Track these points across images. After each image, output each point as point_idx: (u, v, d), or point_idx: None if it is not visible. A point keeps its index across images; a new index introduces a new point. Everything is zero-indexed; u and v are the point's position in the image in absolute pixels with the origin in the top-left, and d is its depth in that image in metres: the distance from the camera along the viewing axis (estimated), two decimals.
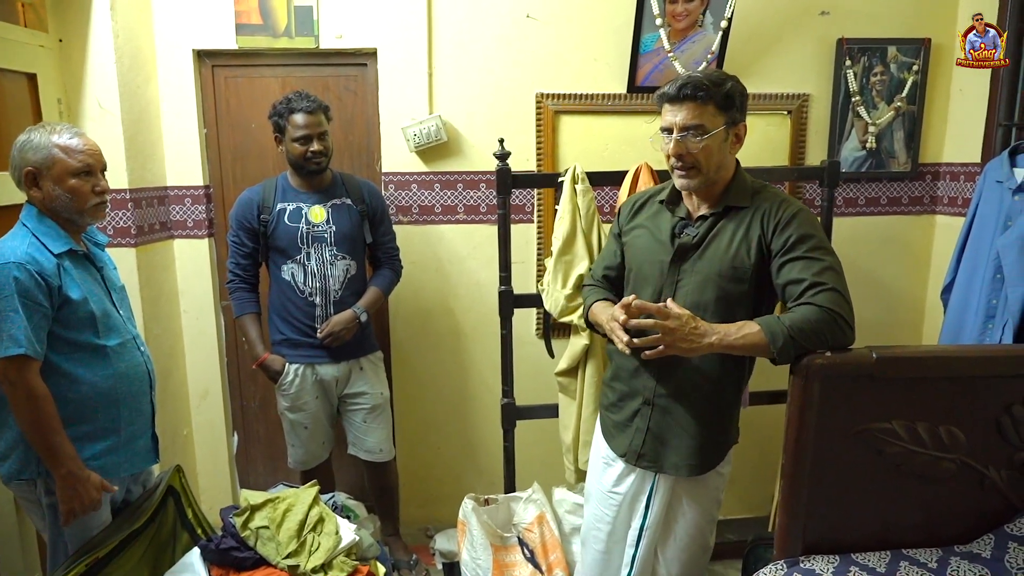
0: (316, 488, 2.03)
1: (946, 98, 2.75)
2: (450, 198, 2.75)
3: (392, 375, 2.82)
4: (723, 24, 2.50)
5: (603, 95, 2.67)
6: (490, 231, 2.69)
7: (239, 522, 1.91)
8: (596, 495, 1.87)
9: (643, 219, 1.76)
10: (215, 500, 2.92)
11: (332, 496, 2.22)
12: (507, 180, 2.30)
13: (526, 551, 2.27)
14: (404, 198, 2.74)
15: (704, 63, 2.54)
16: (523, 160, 2.68)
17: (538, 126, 2.69)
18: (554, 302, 2.31)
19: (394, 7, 2.60)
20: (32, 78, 2.27)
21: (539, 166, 2.71)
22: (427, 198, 2.75)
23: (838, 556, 1.49)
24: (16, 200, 1.83)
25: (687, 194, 1.68)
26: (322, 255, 2.36)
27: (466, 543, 2.26)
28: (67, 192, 1.69)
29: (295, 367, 2.41)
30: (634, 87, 2.64)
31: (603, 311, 1.70)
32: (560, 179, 2.32)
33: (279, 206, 2.36)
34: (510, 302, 2.39)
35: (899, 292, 2.90)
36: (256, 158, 2.78)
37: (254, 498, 1.95)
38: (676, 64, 2.50)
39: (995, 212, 2.26)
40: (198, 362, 2.84)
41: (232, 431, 2.96)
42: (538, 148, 2.70)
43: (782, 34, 2.68)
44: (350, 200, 2.42)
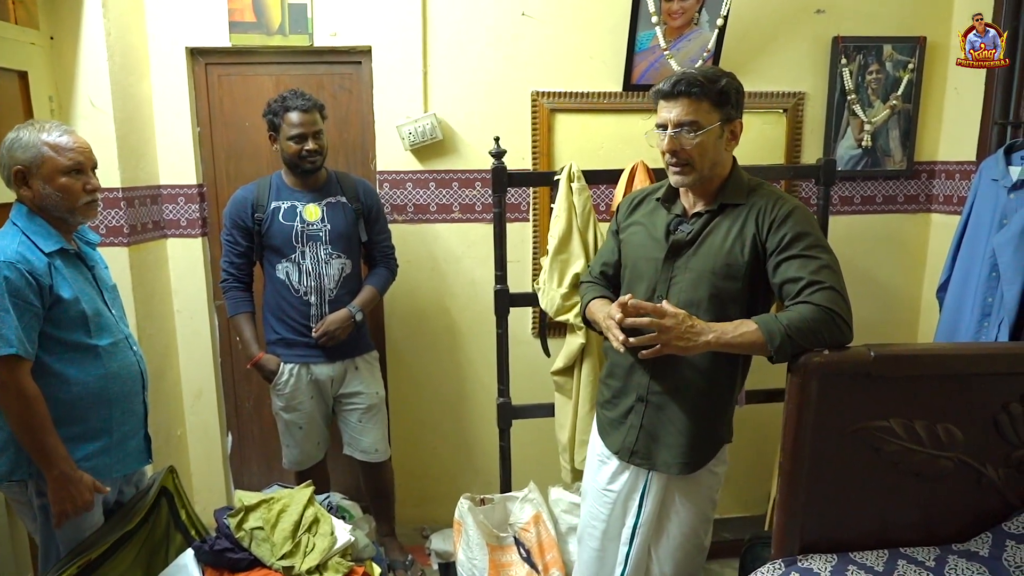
0: (311, 489, 2.02)
1: (941, 96, 2.76)
2: (445, 197, 2.74)
3: (388, 374, 2.81)
4: (719, 22, 2.49)
5: (599, 93, 2.67)
6: (486, 230, 2.67)
7: (233, 523, 1.89)
8: (591, 493, 1.87)
9: (640, 216, 1.75)
10: (209, 501, 2.90)
11: (327, 497, 2.20)
12: (502, 178, 2.28)
13: (522, 551, 2.26)
14: (399, 197, 2.73)
15: (700, 61, 2.53)
16: (519, 158, 2.67)
17: (534, 124, 2.68)
18: (550, 301, 2.30)
19: (389, 5, 2.59)
20: (23, 76, 2.25)
21: (535, 164, 2.70)
22: (422, 197, 2.74)
23: (836, 555, 1.48)
24: (6, 199, 1.81)
25: (683, 191, 1.68)
26: (317, 254, 2.35)
27: (462, 543, 2.24)
28: (57, 190, 1.67)
29: (290, 367, 2.39)
30: (630, 85, 2.64)
31: (600, 309, 1.69)
32: (556, 177, 2.31)
33: (273, 204, 2.35)
34: (506, 301, 2.38)
35: (895, 291, 2.90)
36: (250, 157, 2.76)
37: (248, 499, 1.94)
38: (672, 62, 2.49)
39: (990, 210, 2.26)
40: (192, 362, 2.82)
41: (226, 431, 2.94)
42: (534, 146, 2.69)
43: (778, 32, 2.67)
44: (345, 198, 2.41)
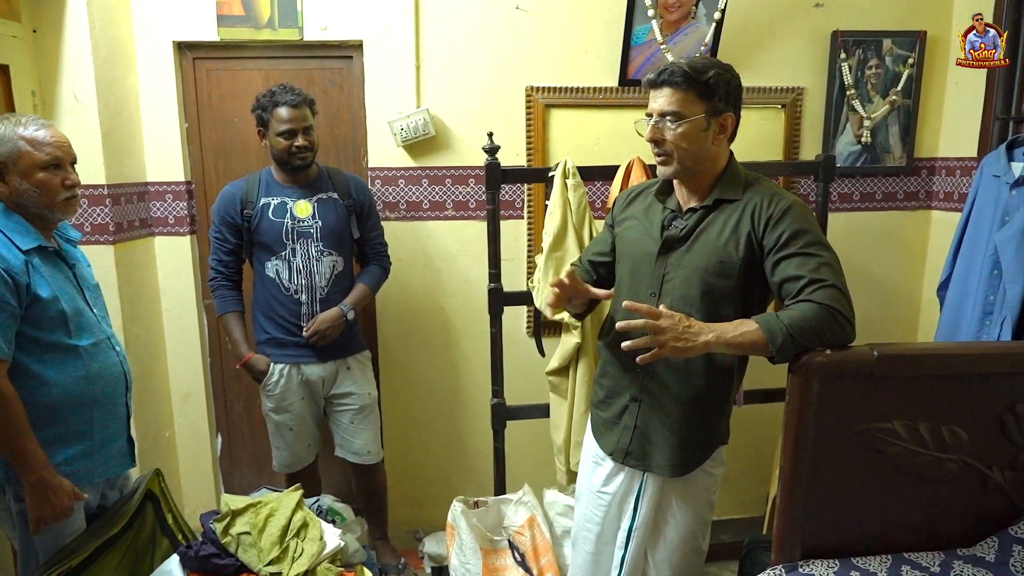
0: (300, 492, 1.97)
1: (942, 92, 2.72)
2: (438, 194, 2.69)
3: (380, 374, 2.76)
4: (716, 15, 2.45)
5: (594, 88, 2.62)
6: (479, 227, 2.63)
7: (219, 528, 1.85)
8: (586, 495, 1.84)
9: (636, 211, 1.72)
10: (198, 504, 2.85)
11: (317, 500, 2.16)
12: (496, 175, 2.24)
13: (517, 555, 2.22)
14: (391, 194, 2.68)
15: (697, 55, 2.49)
16: (513, 155, 2.62)
17: (528, 120, 2.64)
18: (545, 299, 2.25)
19: None
20: (4, 70, 2.20)
21: (529, 161, 2.65)
22: (415, 194, 2.69)
23: (837, 560, 1.44)
24: None
25: (678, 185, 1.64)
26: (308, 251, 2.30)
27: (455, 547, 2.20)
28: (35, 186, 1.62)
29: (280, 367, 2.34)
30: (626, 80, 2.59)
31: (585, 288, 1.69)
32: (551, 174, 2.28)
33: (263, 201, 2.30)
34: (500, 300, 2.34)
35: (894, 288, 2.87)
36: (239, 153, 2.71)
37: (235, 503, 1.89)
38: (669, 56, 2.45)
39: (992, 207, 2.22)
40: (180, 362, 2.77)
41: (216, 433, 2.89)
42: (528, 142, 2.65)
43: (776, 26, 2.63)
44: (336, 195, 2.36)
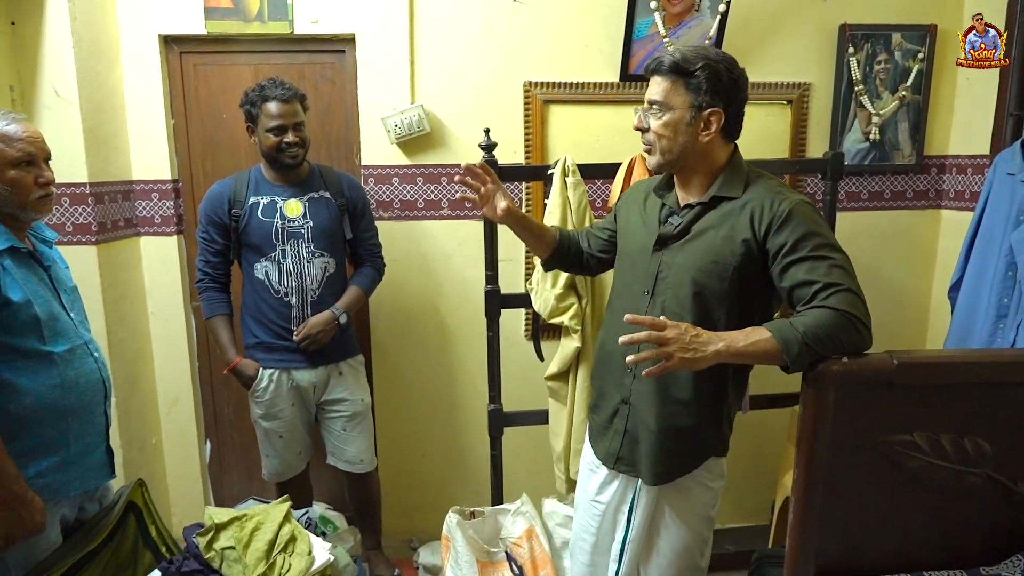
0: (287, 504, 1.88)
1: (952, 87, 2.64)
2: (434, 192, 2.61)
3: (373, 378, 2.68)
4: (721, 8, 2.37)
5: (595, 84, 2.54)
6: (476, 227, 2.55)
7: (202, 543, 1.76)
8: (582, 503, 1.79)
9: (640, 204, 1.67)
10: (186, 513, 2.77)
11: (306, 512, 2.07)
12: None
13: (514, 567, 2.14)
14: (385, 192, 2.60)
15: (698, 46, 2.41)
16: (510, 152, 2.55)
17: (526, 116, 2.55)
18: (544, 302, 2.18)
19: None
20: None
21: (527, 158, 2.57)
22: (409, 192, 2.61)
23: None
24: None
25: (678, 182, 1.59)
26: (298, 252, 2.22)
27: (450, 560, 2.12)
28: (7, 184, 1.54)
29: (269, 372, 2.26)
30: (627, 75, 2.51)
31: (538, 226, 1.81)
32: (550, 172, 2.20)
33: (252, 200, 2.21)
34: (497, 302, 2.26)
35: (903, 290, 2.79)
36: (227, 150, 2.62)
37: (219, 516, 1.81)
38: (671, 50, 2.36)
39: (1006, 206, 2.15)
40: (167, 366, 2.69)
41: (204, 439, 2.80)
42: (526, 139, 2.57)
43: (782, 20, 2.55)
44: (328, 193, 2.27)
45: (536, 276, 2.19)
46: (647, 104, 1.51)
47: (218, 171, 2.61)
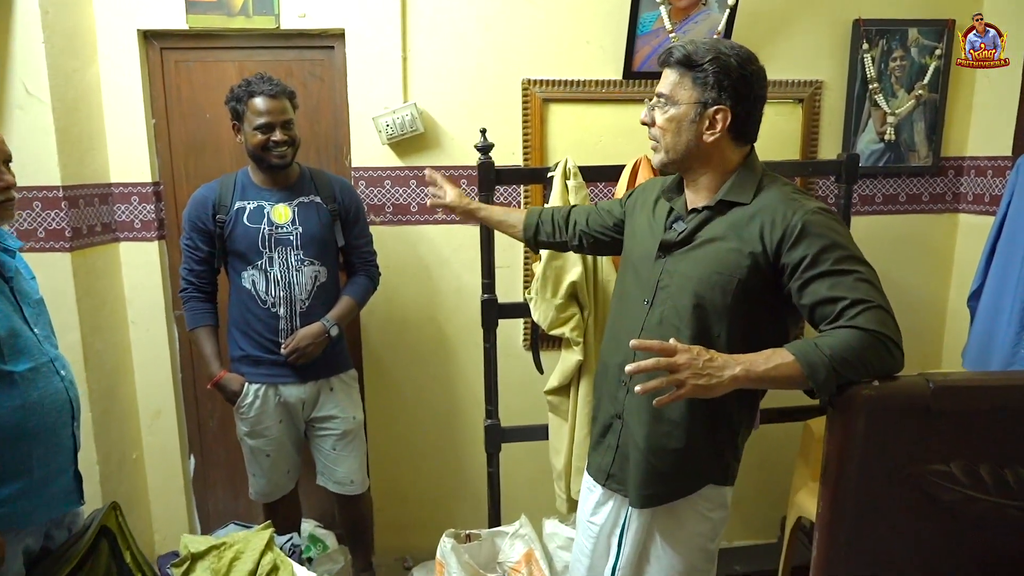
0: (270, 531, 1.77)
1: (971, 85, 2.53)
2: (427, 196, 2.48)
3: (365, 390, 2.56)
4: (730, 1, 2.25)
5: (596, 81, 2.42)
6: (472, 232, 2.43)
7: (178, 573, 1.64)
8: (580, 524, 1.69)
9: (649, 205, 1.56)
10: (170, 531, 2.65)
11: (290, 538, 1.96)
12: (490, 176, 2.05)
13: None
14: (376, 196, 2.48)
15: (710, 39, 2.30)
16: (508, 153, 2.43)
17: (524, 116, 2.43)
18: (543, 313, 2.06)
19: None
20: None
21: (526, 160, 2.45)
22: (402, 195, 2.49)
23: None
24: None
25: (687, 184, 1.48)
26: (287, 260, 2.09)
27: None
28: None
29: (255, 387, 2.13)
30: (631, 73, 2.39)
31: (501, 211, 1.90)
32: (550, 174, 2.08)
33: (237, 205, 2.09)
34: (494, 312, 2.14)
35: (918, 297, 2.67)
36: (212, 151, 2.50)
37: (196, 544, 1.69)
38: None
39: None
40: (149, 378, 2.56)
41: (188, 454, 2.68)
42: (525, 140, 2.45)
43: (793, 14, 2.44)
44: (319, 198, 2.15)
45: (535, 285, 2.07)
46: (655, 97, 1.42)
47: (201, 173, 2.49)
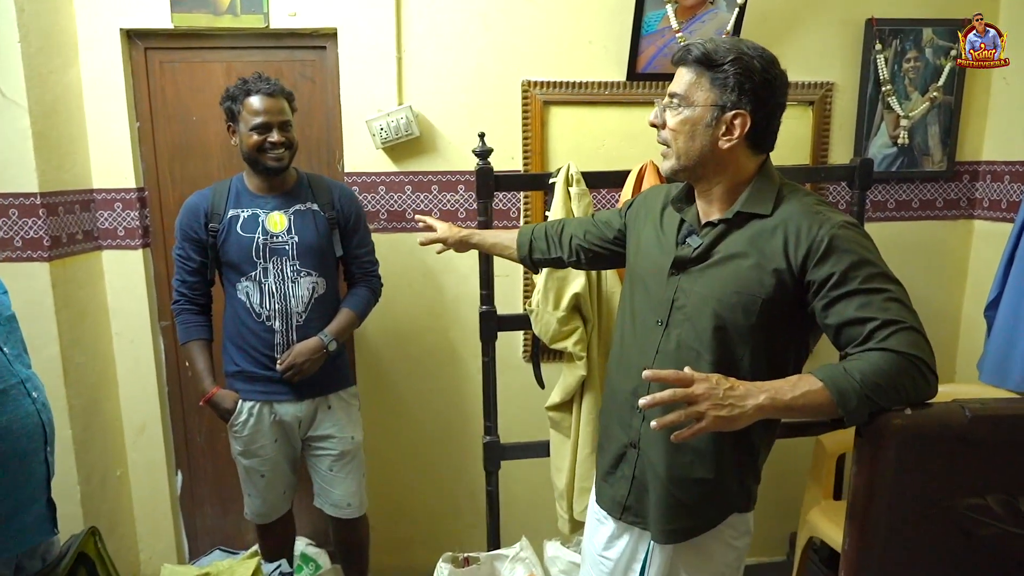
0: (256, 560, 1.68)
1: (987, 88, 2.44)
2: (424, 202, 2.39)
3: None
4: (739, 0, 2.16)
5: (599, 83, 2.33)
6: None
7: None
8: (588, 558, 1.58)
9: (656, 216, 1.45)
10: (156, 550, 2.54)
11: (278, 566, 1.86)
12: (489, 182, 1.96)
13: None
14: (370, 202, 2.38)
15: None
16: (507, 158, 2.34)
17: (524, 119, 2.34)
18: (545, 326, 1.97)
19: None
20: None
21: (526, 165, 2.36)
22: (397, 202, 2.39)
23: None
24: None
25: (698, 194, 1.37)
26: (282, 271, 1.99)
27: None
28: None
29: (249, 405, 2.02)
30: (635, 74, 2.30)
31: (492, 235, 1.84)
32: (551, 180, 1.99)
33: (231, 213, 1.98)
34: (493, 324, 2.05)
35: (932, 307, 2.58)
36: (198, 156, 2.40)
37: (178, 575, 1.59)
38: None
39: None
40: (134, 392, 2.46)
41: (175, 470, 2.58)
42: (524, 144, 2.35)
43: (804, 13, 2.35)
44: (317, 205, 2.04)
45: (536, 297, 1.98)
46: (667, 97, 1.30)
47: (188, 178, 2.40)
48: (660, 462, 1.35)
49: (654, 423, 1.08)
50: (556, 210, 1.96)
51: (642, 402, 1.08)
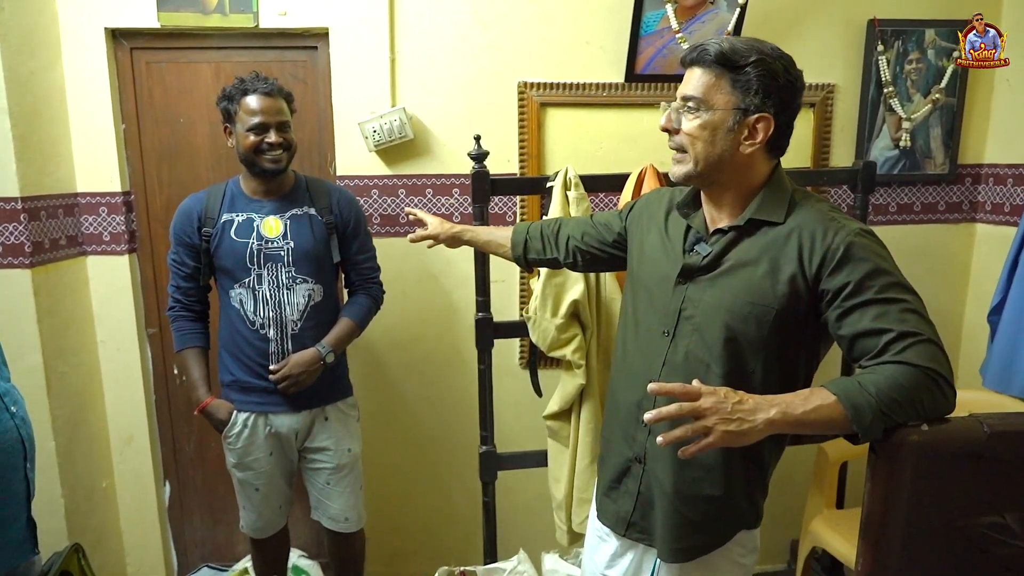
0: None
1: (989, 89, 2.41)
2: (418, 206, 2.34)
3: None
4: (740, 0, 2.12)
5: (597, 84, 2.28)
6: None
7: None
8: (589, 574, 1.53)
9: (660, 221, 1.40)
10: (143, 563, 2.48)
11: None
12: (485, 185, 1.92)
13: None
14: (363, 206, 2.32)
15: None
16: (503, 161, 2.29)
17: (521, 121, 2.29)
18: (543, 333, 1.92)
19: None
20: None
21: (522, 168, 2.31)
22: (390, 206, 2.34)
23: None
24: None
25: (706, 199, 1.31)
26: (277, 277, 1.92)
27: None
28: None
29: (244, 416, 1.96)
30: (634, 75, 2.26)
31: (486, 231, 1.79)
32: (549, 184, 1.95)
33: (225, 217, 1.92)
34: (489, 332, 2.00)
35: (934, 311, 2.45)
36: (186, 159, 2.34)
37: None
38: (684, 47, 2.11)
39: None
40: (120, 401, 2.40)
41: (163, 480, 2.51)
42: (521, 147, 2.31)
43: (805, 14, 2.31)
44: (315, 210, 1.97)
45: (534, 303, 1.93)
46: (680, 100, 1.24)
47: (175, 182, 2.34)
48: (667, 478, 1.30)
49: (660, 438, 1.03)
50: (554, 214, 1.91)
51: (647, 416, 1.03)
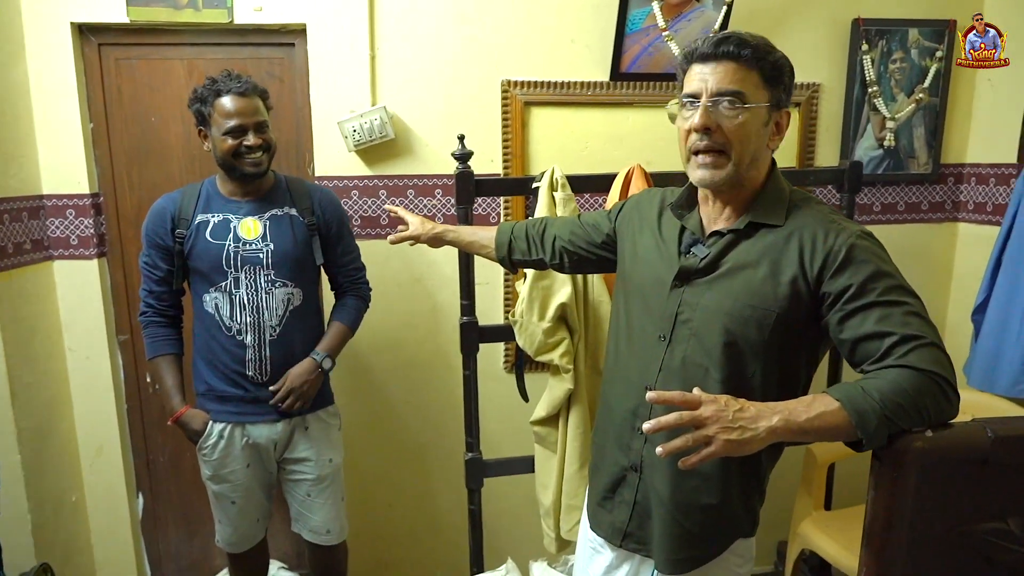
0: None
1: (971, 89, 2.42)
2: (399, 207, 2.28)
3: None
4: None
5: (582, 83, 2.25)
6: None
7: None
8: None
9: (652, 221, 1.36)
10: None
11: None
12: (469, 186, 1.87)
13: None
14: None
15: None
16: (487, 161, 2.24)
17: (504, 120, 2.25)
18: (530, 337, 1.87)
19: None
20: None
21: (506, 168, 2.27)
22: (371, 207, 2.28)
23: None
24: None
25: (703, 198, 1.28)
26: (255, 281, 1.84)
27: None
28: None
29: (220, 426, 1.88)
30: (619, 74, 2.23)
31: (470, 231, 1.73)
32: (535, 184, 1.90)
33: (200, 218, 1.84)
34: (474, 336, 1.95)
35: None
36: (157, 159, 2.26)
37: None
38: (672, 45, 2.09)
39: None
40: (90, 411, 2.31)
41: (136, 492, 2.43)
42: (504, 147, 2.26)
43: (790, 13, 2.30)
44: (295, 211, 1.90)
45: (520, 307, 1.89)
46: (714, 95, 1.14)
47: (146, 183, 2.26)
48: (664, 487, 1.26)
49: (659, 450, 0.99)
50: (540, 215, 1.87)
51: (646, 427, 0.99)
